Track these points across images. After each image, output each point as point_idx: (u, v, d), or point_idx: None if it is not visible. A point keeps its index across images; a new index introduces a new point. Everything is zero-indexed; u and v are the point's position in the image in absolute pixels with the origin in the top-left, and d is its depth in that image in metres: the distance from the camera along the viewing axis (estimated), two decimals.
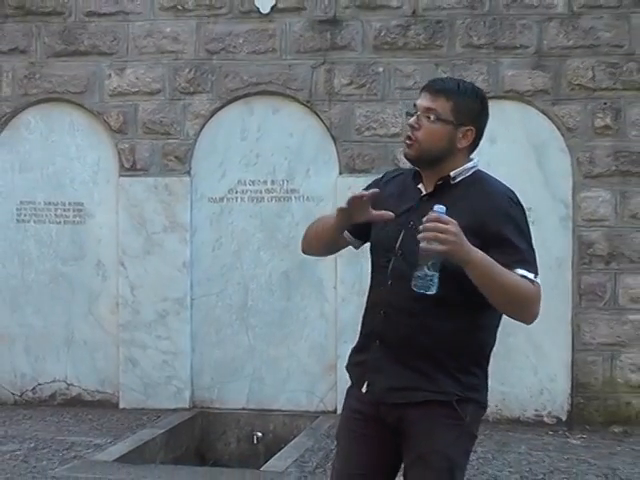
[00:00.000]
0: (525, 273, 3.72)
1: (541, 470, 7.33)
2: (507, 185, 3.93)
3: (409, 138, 3.88)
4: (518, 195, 3.91)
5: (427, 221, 3.52)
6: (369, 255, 4.05)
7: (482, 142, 4.00)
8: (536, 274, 3.78)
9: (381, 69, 8.93)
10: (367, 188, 4.06)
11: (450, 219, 3.51)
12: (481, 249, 3.68)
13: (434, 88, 3.88)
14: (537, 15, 8.76)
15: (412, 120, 3.87)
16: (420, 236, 3.52)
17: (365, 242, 4.14)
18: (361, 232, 4.07)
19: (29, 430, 8.41)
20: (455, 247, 3.52)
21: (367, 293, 4.04)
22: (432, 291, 3.56)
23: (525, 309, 3.82)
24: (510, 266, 3.70)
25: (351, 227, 4.03)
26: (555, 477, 7.16)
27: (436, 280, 3.55)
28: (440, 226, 3.50)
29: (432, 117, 3.82)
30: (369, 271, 4.06)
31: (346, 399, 4.08)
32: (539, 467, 7.41)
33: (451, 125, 3.82)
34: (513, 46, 8.80)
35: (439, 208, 3.54)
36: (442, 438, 3.77)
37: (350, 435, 4.02)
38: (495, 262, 3.63)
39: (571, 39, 8.72)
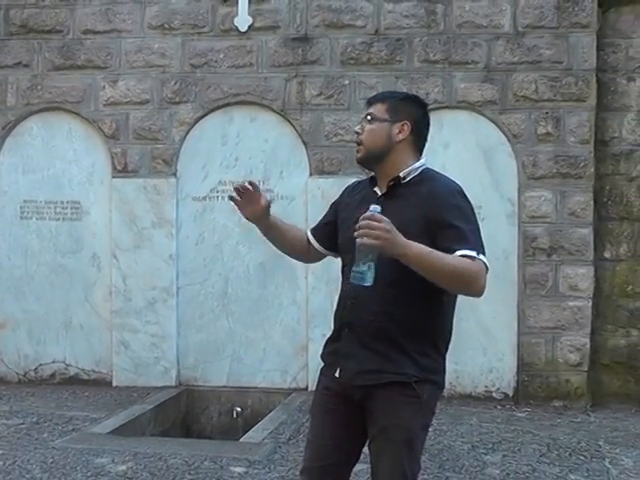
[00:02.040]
0: (465, 252, 3.69)
1: (490, 440, 7.35)
2: (456, 181, 3.93)
3: (357, 144, 4.00)
4: (466, 191, 3.91)
5: (362, 219, 3.54)
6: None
7: (437, 147, 4.04)
8: (479, 252, 3.74)
9: (347, 82, 8.92)
10: (333, 202, 4.24)
11: (382, 217, 3.53)
12: (430, 238, 3.70)
13: (372, 98, 4.06)
14: (486, 34, 8.77)
15: (357, 127, 4.02)
16: (355, 233, 3.55)
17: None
18: (332, 243, 4.16)
19: (32, 406, 8.37)
20: (386, 242, 3.52)
21: (340, 288, 4.06)
22: (368, 283, 3.59)
23: (469, 285, 3.75)
24: (451, 247, 3.69)
25: (322, 239, 4.20)
26: (503, 446, 7.18)
27: (371, 273, 3.57)
28: (373, 224, 3.51)
29: (369, 118, 3.94)
30: (337, 263, 4.08)
31: (319, 378, 4.11)
32: (488, 437, 7.43)
33: (387, 122, 3.91)
34: (465, 61, 8.80)
35: (374, 208, 3.57)
36: (401, 413, 3.79)
37: (322, 410, 4.04)
38: (432, 250, 3.62)
39: (516, 56, 8.73)
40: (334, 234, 4.13)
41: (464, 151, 8.80)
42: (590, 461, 6.83)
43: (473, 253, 3.71)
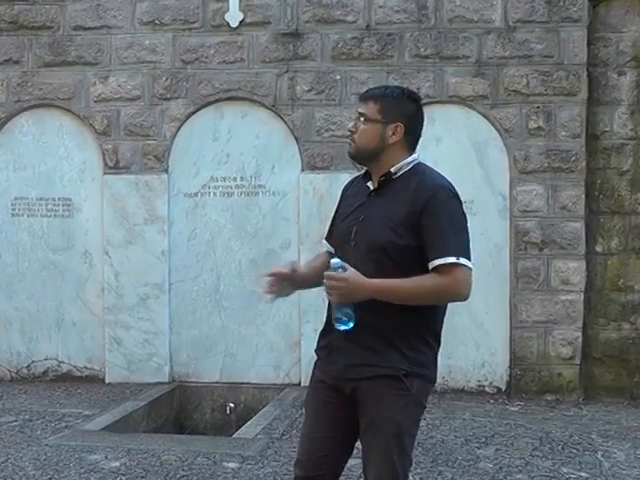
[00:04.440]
0: (444, 260, 3.72)
1: (483, 434, 7.37)
2: (445, 177, 3.94)
3: (350, 140, 4.01)
4: (457, 187, 3.92)
5: (325, 277, 3.72)
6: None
7: (429, 142, 4.06)
8: (460, 255, 3.75)
9: (338, 77, 8.92)
10: (340, 198, 4.23)
11: (340, 275, 3.68)
12: (415, 234, 3.75)
13: (365, 96, 4.04)
14: (477, 29, 8.78)
15: (350, 125, 4.03)
16: (324, 289, 3.73)
17: None
18: None
19: (24, 403, 8.37)
20: (348, 297, 3.70)
21: None
22: (351, 325, 3.76)
23: (446, 299, 3.88)
24: (430, 254, 3.74)
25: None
26: (495, 440, 7.20)
27: (349, 319, 3.75)
28: (332, 283, 3.69)
29: (363, 119, 3.94)
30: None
31: (313, 371, 4.14)
32: (481, 431, 7.45)
33: (380, 124, 3.91)
34: (456, 56, 8.81)
35: (334, 263, 3.71)
36: (390, 407, 3.81)
37: (315, 403, 4.08)
38: (399, 282, 3.72)
39: (507, 50, 8.75)
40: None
41: (455, 146, 8.82)
42: (582, 454, 6.86)
43: (452, 259, 3.73)
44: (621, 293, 8.89)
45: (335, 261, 3.70)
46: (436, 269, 3.73)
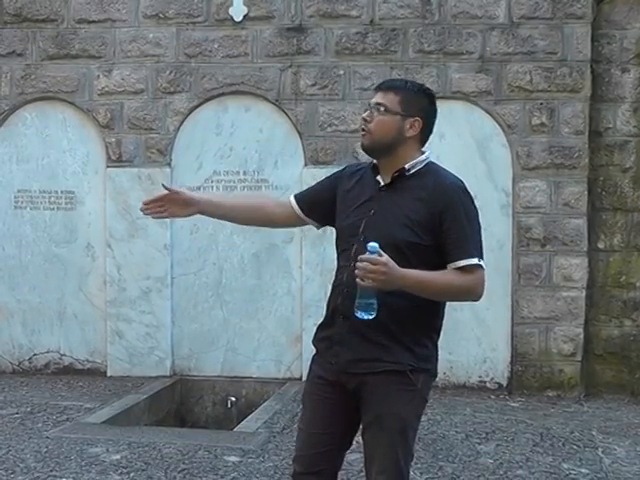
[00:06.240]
0: (465, 262, 3.76)
1: (484, 430, 7.37)
2: (456, 176, 3.94)
3: (363, 130, 3.94)
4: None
5: (360, 261, 3.60)
6: (334, 241, 4.08)
7: (432, 138, 4.02)
8: (479, 257, 3.80)
9: (342, 72, 8.92)
10: (329, 177, 4.14)
11: (380, 259, 3.58)
12: (433, 233, 3.75)
13: (385, 86, 3.98)
14: (481, 25, 8.77)
15: (365, 114, 3.94)
16: (356, 272, 3.61)
17: (323, 224, 4.22)
18: (317, 214, 4.16)
19: (26, 396, 8.37)
20: (384, 283, 3.60)
21: (334, 275, 4.05)
22: (373, 315, 3.68)
23: (465, 298, 3.95)
24: (452, 255, 3.76)
25: (306, 206, 4.16)
26: (496, 436, 7.20)
27: (373, 308, 3.67)
28: (370, 267, 3.57)
29: (382, 109, 3.87)
30: (331, 253, 4.08)
31: (311, 366, 4.10)
32: (482, 427, 7.45)
33: (399, 116, 3.87)
34: (460, 52, 8.80)
35: (371, 247, 3.61)
36: (397, 402, 3.79)
37: (314, 398, 4.04)
38: (428, 275, 3.71)
39: (511, 46, 8.74)
40: (321, 206, 4.11)
41: (458, 142, 8.81)
42: (583, 450, 6.86)
43: (474, 261, 3.77)
44: (623, 290, 8.90)
45: (373, 245, 3.60)
46: (459, 269, 3.77)
